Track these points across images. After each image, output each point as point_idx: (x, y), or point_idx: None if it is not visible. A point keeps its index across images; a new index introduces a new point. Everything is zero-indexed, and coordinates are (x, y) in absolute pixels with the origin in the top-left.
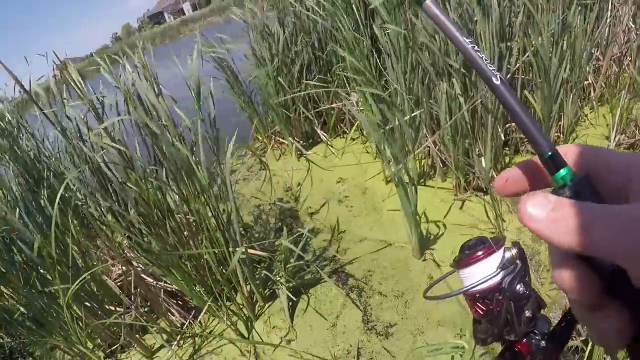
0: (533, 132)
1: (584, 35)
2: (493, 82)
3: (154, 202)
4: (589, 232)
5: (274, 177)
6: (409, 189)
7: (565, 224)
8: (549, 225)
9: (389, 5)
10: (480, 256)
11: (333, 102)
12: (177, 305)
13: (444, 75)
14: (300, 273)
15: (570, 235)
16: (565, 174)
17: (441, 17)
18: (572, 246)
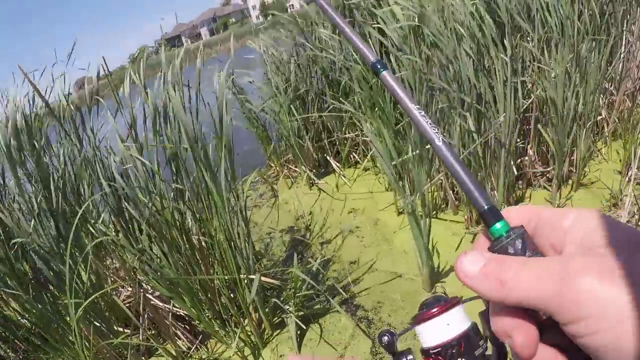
0: (471, 189)
1: (597, 70)
2: (436, 143)
3: (171, 222)
4: (516, 282)
5: (286, 205)
6: (422, 222)
7: (494, 278)
8: (481, 281)
9: (403, 39)
10: (435, 312)
11: (346, 132)
12: (184, 329)
13: (458, 109)
14: (309, 302)
15: (499, 289)
16: (500, 227)
17: (395, 87)
18: (501, 298)
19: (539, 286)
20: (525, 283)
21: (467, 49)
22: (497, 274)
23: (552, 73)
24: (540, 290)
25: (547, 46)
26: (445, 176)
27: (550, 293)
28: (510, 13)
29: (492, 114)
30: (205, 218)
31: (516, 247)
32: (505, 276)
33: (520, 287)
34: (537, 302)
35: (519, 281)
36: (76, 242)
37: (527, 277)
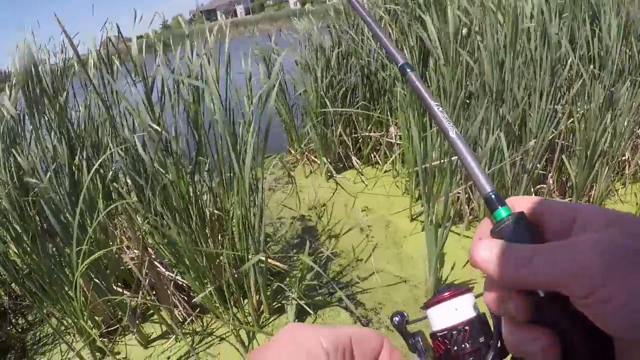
0: (478, 174)
1: (629, 111)
2: (450, 135)
3: (185, 192)
4: (531, 263)
5: (300, 193)
6: (440, 231)
7: (509, 260)
8: (496, 262)
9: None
10: (445, 297)
11: (372, 130)
12: (183, 300)
13: (495, 126)
14: (311, 292)
15: (514, 270)
16: (503, 212)
17: (420, 86)
18: (516, 279)
19: (554, 262)
20: (541, 261)
21: (518, 65)
22: (511, 256)
23: (585, 106)
24: (556, 266)
25: (583, 78)
26: (463, 190)
27: (567, 267)
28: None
29: (525, 137)
30: (223, 192)
31: (517, 231)
32: (519, 258)
33: (538, 265)
34: (553, 279)
35: (535, 261)
36: (89, 198)
37: (542, 257)
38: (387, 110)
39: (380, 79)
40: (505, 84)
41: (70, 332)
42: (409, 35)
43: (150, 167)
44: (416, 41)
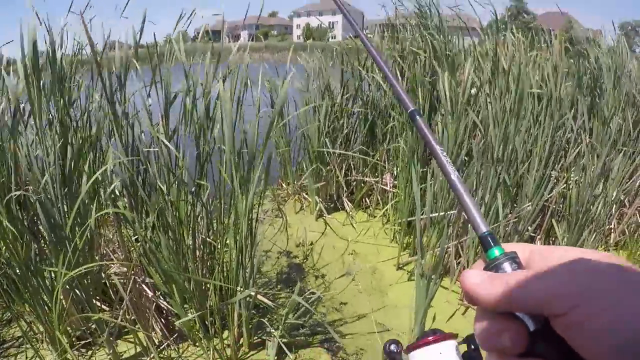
0: (474, 214)
1: (619, 181)
2: (451, 177)
3: (183, 214)
4: (517, 285)
5: (289, 229)
6: (432, 284)
7: (496, 283)
8: (485, 285)
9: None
10: (429, 340)
11: (368, 175)
12: (161, 323)
13: (492, 185)
14: (293, 331)
15: (502, 290)
16: (497, 251)
17: (427, 132)
18: (503, 300)
19: (541, 280)
20: (529, 280)
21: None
22: (500, 278)
23: (580, 173)
24: (542, 283)
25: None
26: (453, 245)
27: (553, 284)
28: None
29: (520, 199)
30: (218, 220)
31: (509, 268)
32: (509, 278)
33: (526, 283)
34: (540, 296)
35: (523, 280)
36: (82, 205)
37: (530, 276)
38: (385, 156)
39: (382, 126)
40: (507, 146)
41: (39, 338)
42: (419, 86)
43: (153, 182)
44: (427, 93)
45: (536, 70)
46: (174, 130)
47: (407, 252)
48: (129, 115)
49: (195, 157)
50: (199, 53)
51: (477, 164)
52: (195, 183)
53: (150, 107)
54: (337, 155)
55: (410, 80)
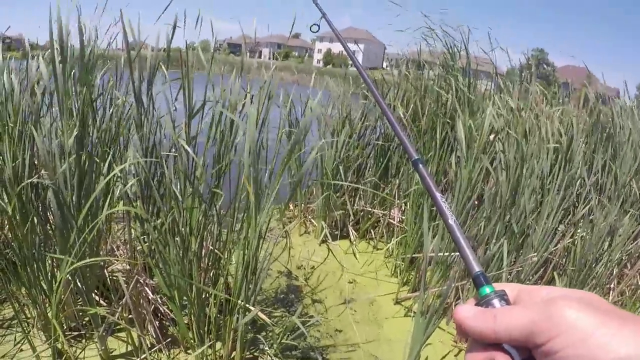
0: (468, 255)
1: (624, 242)
2: (449, 222)
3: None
4: (507, 315)
5: (291, 250)
6: (431, 322)
7: (488, 314)
8: (476, 318)
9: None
10: None
11: (376, 207)
12: (156, 326)
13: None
14: (286, 351)
15: (491, 322)
16: (488, 289)
17: (428, 179)
18: (492, 328)
19: (525, 314)
20: (514, 313)
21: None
22: (491, 312)
23: (587, 230)
24: (526, 317)
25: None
26: (454, 287)
27: (539, 317)
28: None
29: (525, 249)
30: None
31: (498, 304)
32: (497, 312)
33: (513, 317)
34: (526, 326)
35: (510, 314)
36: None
37: (515, 310)
38: (396, 191)
39: (396, 160)
40: (519, 196)
41: (31, 323)
42: (438, 125)
43: (169, 187)
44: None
45: (555, 123)
46: (194, 136)
47: (406, 288)
48: (153, 115)
49: (214, 166)
50: (221, 64)
51: (487, 209)
52: (210, 191)
53: (175, 112)
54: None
55: (429, 118)
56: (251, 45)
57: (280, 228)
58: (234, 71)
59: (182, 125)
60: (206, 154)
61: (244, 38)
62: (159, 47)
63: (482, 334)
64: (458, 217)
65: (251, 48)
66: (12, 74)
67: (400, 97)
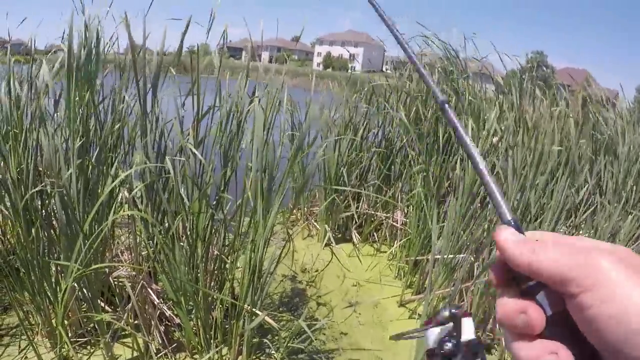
0: (500, 202)
1: (624, 244)
2: (479, 167)
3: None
4: (547, 252)
5: (295, 253)
6: None
7: (529, 245)
8: (517, 245)
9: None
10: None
11: (379, 210)
12: (162, 332)
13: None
14: (292, 355)
15: (530, 254)
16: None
17: (456, 122)
18: (530, 262)
19: (564, 257)
20: (554, 253)
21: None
22: (532, 243)
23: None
24: (565, 260)
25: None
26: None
27: (573, 262)
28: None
29: None
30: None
31: None
32: (537, 247)
33: (550, 255)
34: (557, 270)
35: (550, 251)
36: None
37: (556, 249)
38: (399, 194)
39: (399, 163)
40: (525, 199)
41: (36, 330)
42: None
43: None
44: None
45: (557, 127)
46: (201, 140)
47: (410, 290)
48: (159, 119)
49: (221, 170)
50: (222, 67)
51: (491, 211)
52: (217, 196)
53: (183, 117)
54: (351, 186)
55: (431, 121)
56: (254, 48)
57: (284, 232)
58: (240, 74)
59: (190, 130)
60: (213, 158)
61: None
62: (165, 51)
63: (517, 262)
64: (461, 219)
65: (253, 52)
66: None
67: (403, 100)
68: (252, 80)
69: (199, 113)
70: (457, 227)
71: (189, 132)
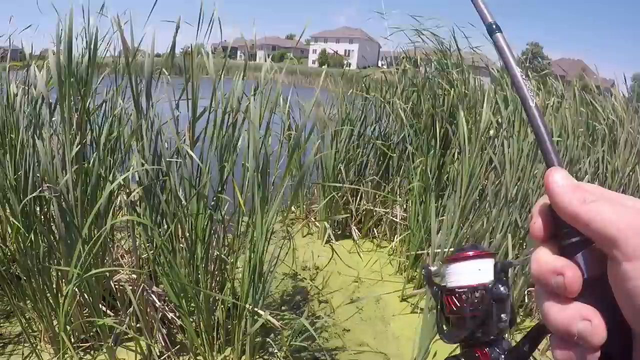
0: (548, 146)
1: None
2: (529, 103)
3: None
4: (597, 205)
5: (295, 252)
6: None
7: (580, 194)
8: (567, 191)
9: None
10: (469, 255)
11: (378, 205)
12: (164, 334)
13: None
14: (295, 354)
15: (579, 204)
16: None
17: (506, 50)
18: (577, 212)
19: (616, 215)
20: (606, 208)
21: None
22: (584, 192)
23: None
24: (617, 218)
25: None
26: None
27: (626, 224)
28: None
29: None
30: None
31: None
32: (589, 197)
33: (601, 210)
34: (609, 227)
35: (602, 205)
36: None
37: (609, 205)
38: (397, 189)
39: (397, 158)
40: (521, 188)
41: (38, 336)
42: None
43: (174, 192)
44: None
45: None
46: (196, 141)
47: (411, 284)
48: (154, 122)
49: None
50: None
51: (490, 202)
52: (215, 197)
53: (178, 117)
54: (350, 182)
55: (427, 115)
56: (246, 48)
57: (284, 230)
58: (231, 74)
59: (186, 131)
60: (209, 159)
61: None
62: (159, 54)
63: (566, 209)
64: (462, 212)
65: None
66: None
67: (399, 93)
68: (248, 79)
69: (194, 114)
70: (457, 220)
71: (184, 134)
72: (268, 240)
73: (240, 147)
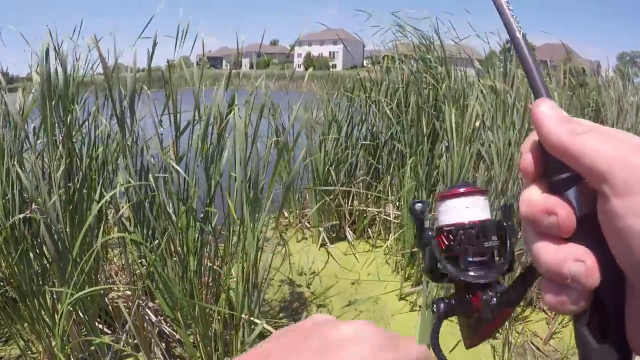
0: (535, 76)
1: None
2: (516, 35)
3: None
4: (587, 136)
5: (290, 257)
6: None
7: (569, 125)
8: (556, 122)
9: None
10: (461, 192)
11: (370, 205)
12: (162, 348)
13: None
14: None
15: (569, 135)
16: None
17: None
18: (566, 143)
19: (607, 147)
20: (596, 140)
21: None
22: (573, 124)
23: None
24: (607, 150)
25: None
26: None
27: (616, 157)
28: None
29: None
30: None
31: None
32: (580, 129)
33: (590, 142)
34: (598, 160)
35: (592, 137)
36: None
37: (600, 137)
38: (388, 187)
39: (386, 156)
40: (512, 177)
41: (38, 358)
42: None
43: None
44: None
45: None
46: (181, 157)
47: (409, 283)
48: (138, 138)
49: (205, 183)
50: (203, 79)
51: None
52: (204, 210)
53: (162, 134)
54: (341, 184)
55: (414, 110)
56: (231, 56)
57: (277, 237)
58: (216, 84)
59: (170, 145)
60: (196, 171)
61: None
62: (139, 68)
63: (553, 142)
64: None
65: (230, 59)
66: None
67: (384, 91)
68: (233, 88)
69: (177, 128)
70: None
71: (169, 148)
72: (261, 249)
73: (227, 157)
